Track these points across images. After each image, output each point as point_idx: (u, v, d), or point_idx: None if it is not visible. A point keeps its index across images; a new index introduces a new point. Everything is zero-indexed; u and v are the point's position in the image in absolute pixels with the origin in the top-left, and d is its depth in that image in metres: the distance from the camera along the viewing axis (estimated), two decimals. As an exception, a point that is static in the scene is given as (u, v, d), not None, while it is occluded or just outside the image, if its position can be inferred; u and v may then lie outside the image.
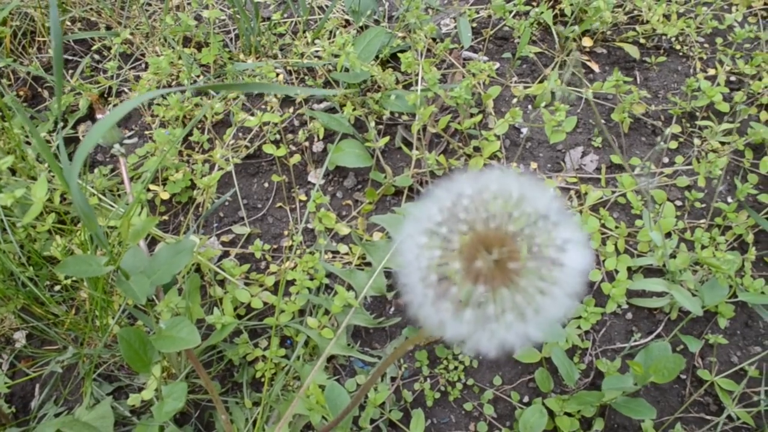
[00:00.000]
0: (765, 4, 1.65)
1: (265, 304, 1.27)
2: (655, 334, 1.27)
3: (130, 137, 1.11)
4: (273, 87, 1.34)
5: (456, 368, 1.25)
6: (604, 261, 1.31)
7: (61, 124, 1.50)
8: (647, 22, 1.57)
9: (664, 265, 1.25)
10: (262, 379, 1.21)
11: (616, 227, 1.34)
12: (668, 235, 1.32)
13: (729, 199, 1.40)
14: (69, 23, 1.67)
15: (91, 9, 1.68)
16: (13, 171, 1.29)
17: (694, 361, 1.26)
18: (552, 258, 0.46)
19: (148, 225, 0.83)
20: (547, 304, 0.46)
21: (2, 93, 1.42)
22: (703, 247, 1.28)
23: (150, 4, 1.73)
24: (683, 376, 1.24)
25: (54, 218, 1.19)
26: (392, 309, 1.32)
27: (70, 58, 1.64)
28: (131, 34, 1.63)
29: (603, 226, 1.34)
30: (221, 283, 1.29)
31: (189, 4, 1.70)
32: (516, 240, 0.47)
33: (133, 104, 0.63)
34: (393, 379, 1.25)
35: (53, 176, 1.21)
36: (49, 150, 0.73)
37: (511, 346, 0.47)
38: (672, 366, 1.02)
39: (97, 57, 1.67)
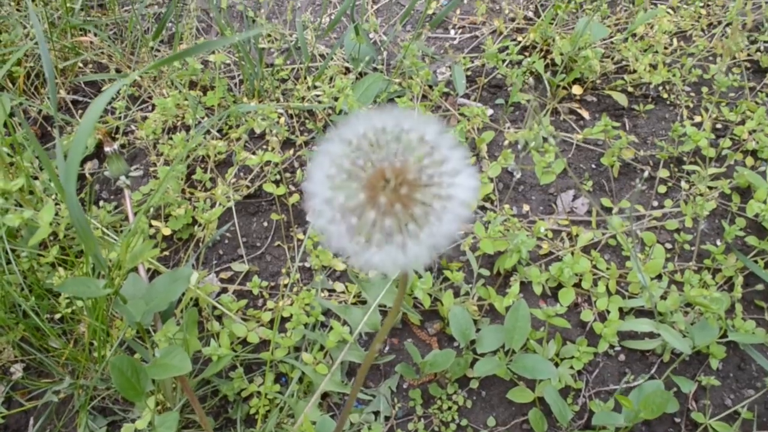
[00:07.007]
0: (748, 55, 1.72)
1: (261, 339, 1.28)
2: (648, 375, 1.28)
3: (135, 169, 1.15)
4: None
5: (450, 408, 1.25)
6: (595, 301, 1.33)
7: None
8: (635, 71, 1.64)
9: (655, 306, 1.27)
10: (256, 416, 1.22)
11: (608, 268, 1.36)
12: (659, 277, 1.34)
13: (718, 242, 1.43)
14: (81, 65, 1.74)
15: (102, 53, 1.75)
16: (19, 204, 1.33)
17: (688, 404, 1.26)
18: (440, 182, 0.54)
19: (146, 248, 0.86)
20: (436, 223, 0.54)
21: (15, 129, 1.47)
22: (693, 287, 1.30)
23: (158, 50, 1.80)
24: (678, 420, 1.25)
25: (57, 251, 1.21)
26: (387, 347, 1.33)
27: (81, 99, 1.70)
28: (140, 77, 1.69)
29: (594, 267, 1.36)
30: (219, 318, 1.31)
31: (196, 50, 1.77)
32: (410, 169, 0.55)
33: (118, 86, 0.68)
34: (387, 418, 1.25)
35: (60, 208, 1.25)
36: (50, 163, 0.77)
37: (405, 264, 0.54)
38: (660, 401, 1.03)
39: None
